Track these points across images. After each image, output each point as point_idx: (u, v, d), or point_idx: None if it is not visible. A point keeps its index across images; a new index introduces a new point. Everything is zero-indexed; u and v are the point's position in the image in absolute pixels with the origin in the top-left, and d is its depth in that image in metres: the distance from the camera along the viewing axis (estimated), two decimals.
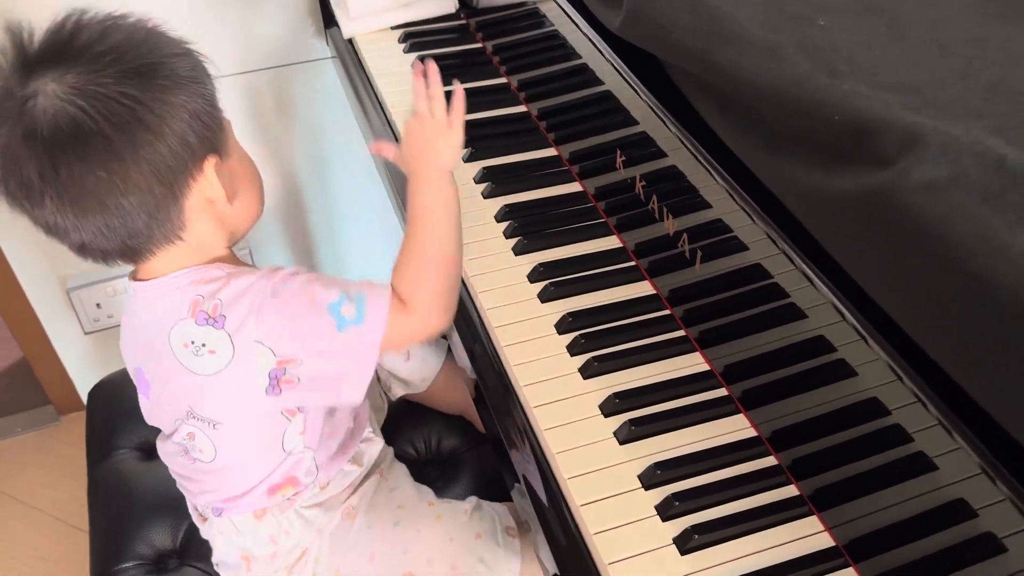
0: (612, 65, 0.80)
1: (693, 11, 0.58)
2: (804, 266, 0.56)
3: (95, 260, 0.73)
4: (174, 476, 0.88)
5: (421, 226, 0.78)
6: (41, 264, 1.45)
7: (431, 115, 0.81)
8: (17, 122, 0.65)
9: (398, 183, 1.04)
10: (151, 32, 0.71)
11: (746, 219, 0.64)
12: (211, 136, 0.71)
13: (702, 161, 0.64)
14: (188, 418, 0.77)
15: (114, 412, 1.07)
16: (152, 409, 0.83)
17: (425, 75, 0.82)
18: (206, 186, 0.72)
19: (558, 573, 0.68)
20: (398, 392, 1.06)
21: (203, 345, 0.72)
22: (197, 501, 0.87)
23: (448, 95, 0.82)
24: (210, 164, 0.71)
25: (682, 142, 0.66)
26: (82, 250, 0.72)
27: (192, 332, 0.72)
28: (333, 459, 0.85)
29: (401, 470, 0.95)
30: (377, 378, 1.04)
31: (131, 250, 0.72)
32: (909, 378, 0.50)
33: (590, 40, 0.77)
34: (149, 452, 1.03)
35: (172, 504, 0.96)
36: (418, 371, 1.04)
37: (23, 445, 1.64)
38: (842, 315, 0.55)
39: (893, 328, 0.48)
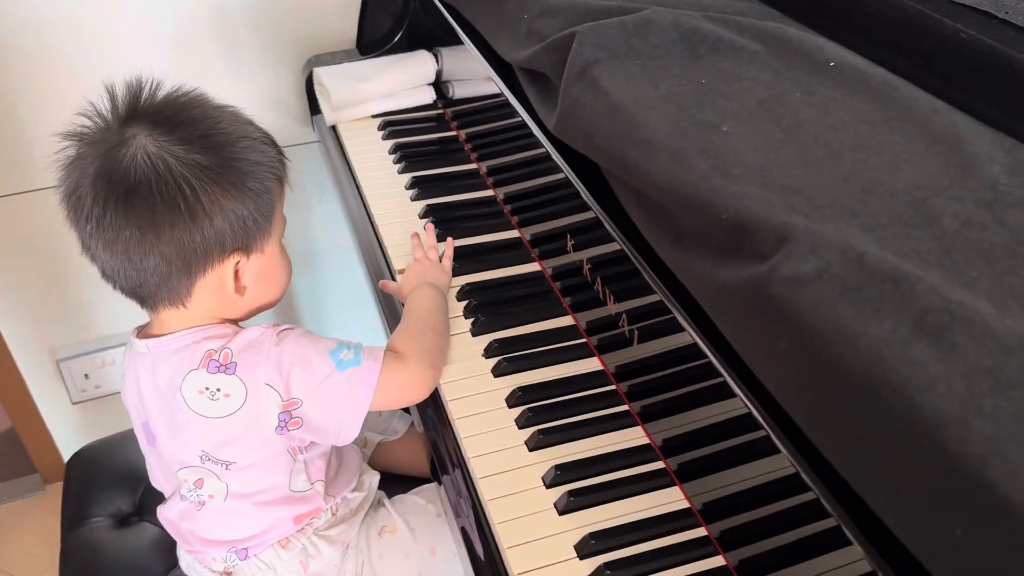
0: (551, 156, 0.87)
1: (612, 119, 0.65)
2: (707, 351, 0.61)
3: (113, 288, 0.79)
4: (184, 542, 0.90)
5: (416, 309, 0.92)
6: (32, 335, 1.50)
7: (427, 259, 1.01)
8: (102, 156, 0.73)
9: (370, 263, 1.10)
10: (247, 129, 0.78)
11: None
12: (247, 239, 0.78)
13: (628, 251, 0.70)
14: (202, 462, 0.81)
15: (91, 480, 1.10)
16: (157, 461, 0.87)
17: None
18: (221, 274, 0.78)
19: None
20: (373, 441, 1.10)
21: (218, 390, 0.77)
22: (216, 555, 0.88)
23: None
24: (232, 260, 0.78)
25: (612, 233, 0.72)
26: (104, 276, 0.78)
27: (206, 380, 0.78)
28: (337, 487, 0.91)
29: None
30: None
31: (139, 298, 0.79)
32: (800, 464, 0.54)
33: (537, 134, 0.84)
34: (122, 520, 1.06)
35: (142, 572, 0.98)
36: (384, 425, 1.10)
37: (8, 513, 1.67)
38: (744, 401, 0.59)
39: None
